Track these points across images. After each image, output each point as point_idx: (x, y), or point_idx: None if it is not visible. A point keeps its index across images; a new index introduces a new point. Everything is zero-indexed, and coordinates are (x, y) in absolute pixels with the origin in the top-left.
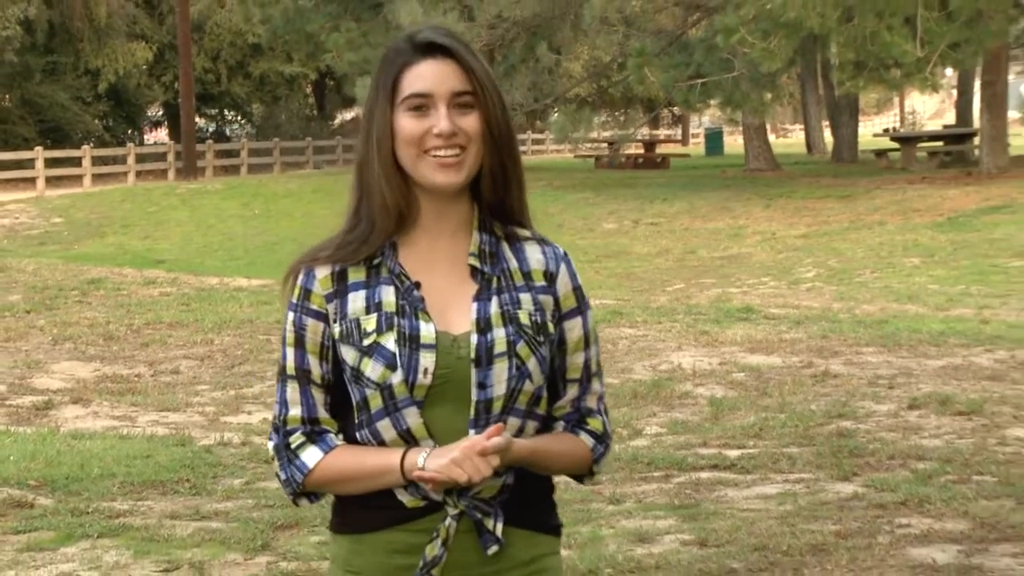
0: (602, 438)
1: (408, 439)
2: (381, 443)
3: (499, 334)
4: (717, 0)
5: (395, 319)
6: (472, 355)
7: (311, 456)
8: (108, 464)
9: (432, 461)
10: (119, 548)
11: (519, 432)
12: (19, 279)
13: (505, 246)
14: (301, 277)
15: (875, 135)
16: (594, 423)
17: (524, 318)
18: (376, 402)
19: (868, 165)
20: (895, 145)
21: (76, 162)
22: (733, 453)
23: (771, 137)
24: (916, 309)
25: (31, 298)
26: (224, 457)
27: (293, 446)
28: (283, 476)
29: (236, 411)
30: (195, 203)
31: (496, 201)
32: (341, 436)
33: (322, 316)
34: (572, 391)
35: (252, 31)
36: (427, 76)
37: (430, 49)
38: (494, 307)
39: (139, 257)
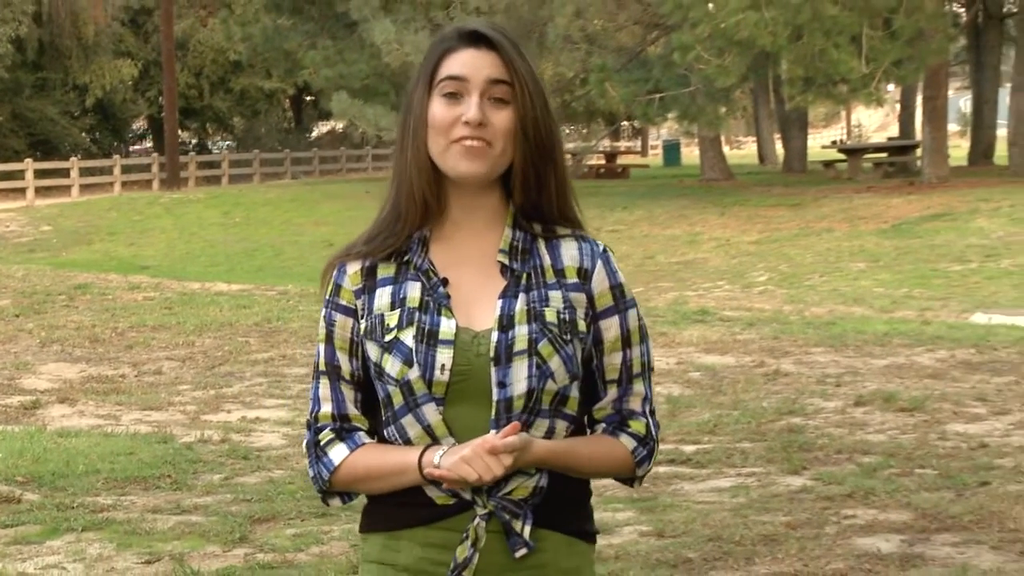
0: (645, 440)
1: (431, 435)
2: (407, 440)
3: (521, 331)
4: (674, 19)
5: (416, 315)
6: (491, 353)
7: (338, 453)
8: (93, 461)
9: (447, 459)
10: (103, 541)
11: (549, 433)
12: (9, 284)
13: (541, 243)
14: (334, 273)
15: (823, 147)
16: (636, 425)
17: (550, 315)
18: (398, 398)
19: (817, 175)
20: (842, 156)
21: (64, 173)
22: (689, 448)
23: (725, 149)
24: (862, 311)
25: (20, 302)
26: (204, 454)
27: (322, 443)
28: (311, 473)
29: (216, 410)
30: (178, 212)
31: (528, 203)
32: (370, 435)
33: (351, 312)
34: (612, 392)
35: (233, 49)
36: (466, 62)
37: (474, 39)
38: (520, 304)
39: (124, 263)
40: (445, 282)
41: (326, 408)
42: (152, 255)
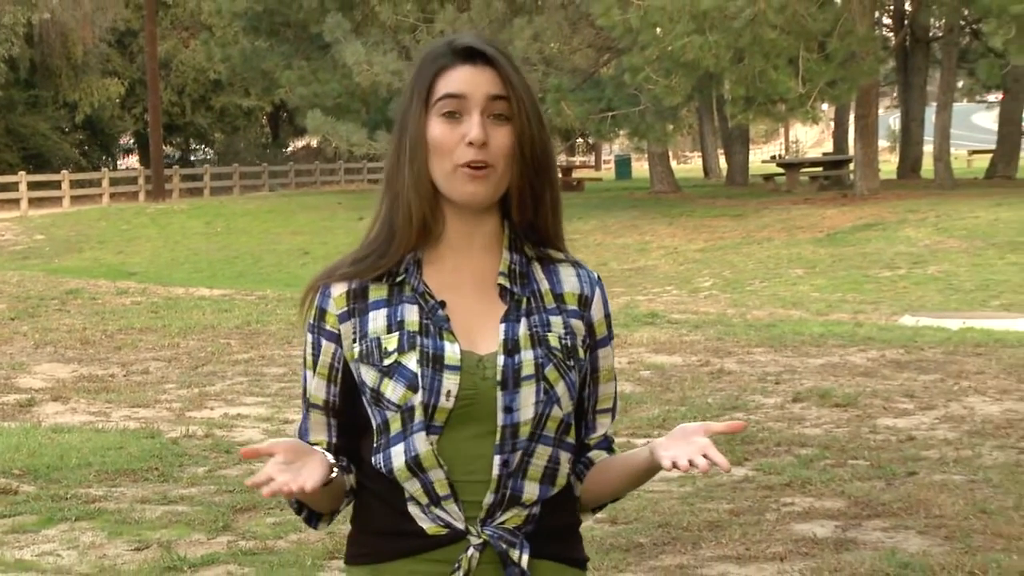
0: None
1: (415, 467)
2: (390, 470)
3: (527, 356)
4: (625, 42)
5: (418, 338)
6: (498, 377)
7: None
8: (85, 455)
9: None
10: (95, 530)
11: (552, 461)
12: (4, 290)
13: (537, 267)
14: (317, 296)
15: (763, 161)
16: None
17: (554, 341)
18: (396, 424)
19: (757, 188)
20: (781, 170)
21: (56, 185)
22: (640, 441)
23: (673, 163)
24: (799, 314)
25: (15, 307)
26: (189, 448)
27: None
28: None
29: (200, 407)
30: (163, 222)
31: (525, 223)
32: (338, 454)
33: (334, 337)
34: (604, 422)
35: (214, 68)
36: (464, 79)
37: (469, 54)
38: (523, 328)
39: (113, 270)
40: (443, 304)
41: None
42: (139, 262)
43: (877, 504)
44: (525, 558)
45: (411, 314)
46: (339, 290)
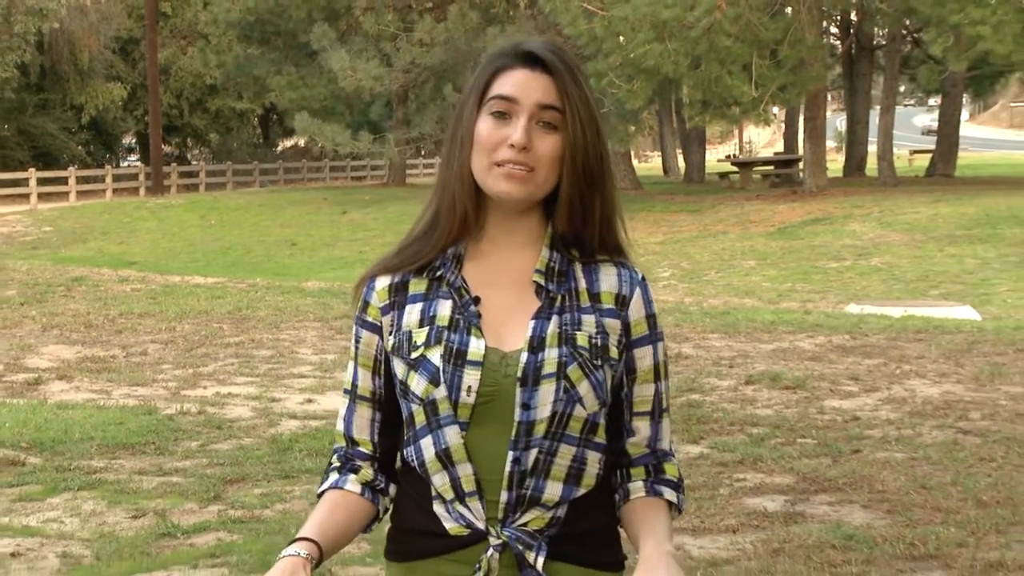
0: (679, 485)
1: (445, 460)
2: (421, 463)
3: (551, 354)
4: (590, 49)
5: (445, 333)
6: (519, 373)
7: (328, 483)
8: (87, 429)
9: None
10: (96, 499)
11: (577, 462)
12: (15, 277)
13: (578, 266)
14: (364, 289)
15: (719, 160)
16: (671, 470)
17: (582, 340)
18: (420, 418)
19: (713, 185)
20: (735, 169)
21: (63, 181)
22: None
23: (635, 162)
24: (752, 302)
25: (25, 293)
26: (184, 424)
27: (330, 466)
28: (318, 492)
29: (194, 386)
30: (162, 215)
31: (571, 232)
32: (376, 461)
33: (377, 329)
34: (643, 427)
35: (209, 74)
36: (518, 83)
37: (530, 59)
38: (552, 326)
39: (115, 259)
40: (477, 300)
41: (340, 428)
42: (139, 252)
43: (824, 480)
44: (541, 560)
45: (443, 309)
46: (383, 283)
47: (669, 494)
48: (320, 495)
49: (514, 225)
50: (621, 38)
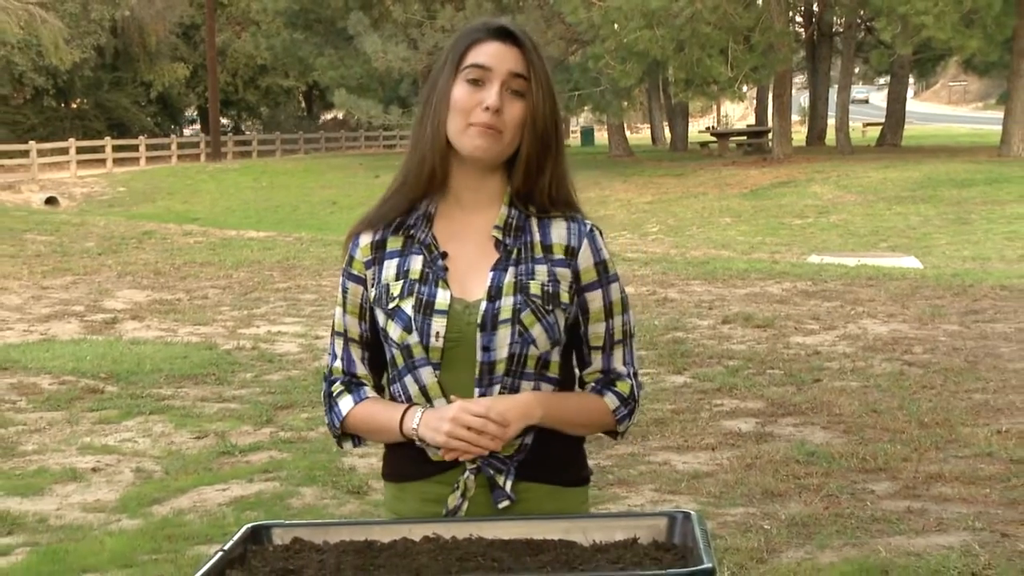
0: (627, 400)
1: (426, 395)
2: (408, 397)
3: (507, 302)
4: (589, 35)
5: (416, 286)
6: (479, 320)
7: (345, 404)
8: (157, 362)
9: (426, 421)
10: (164, 422)
11: None
12: (94, 231)
13: (533, 221)
14: (350, 245)
15: (700, 131)
16: (622, 386)
17: (535, 288)
18: (400, 360)
19: (695, 153)
20: (714, 139)
21: (135, 148)
22: None
23: (627, 133)
24: (728, 254)
25: (102, 244)
26: (240, 358)
27: (334, 394)
28: (327, 420)
29: (248, 325)
30: (219, 178)
31: (525, 188)
32: (376, 390)
33: (361, 280)
34: (598, 359)
35: (260, 55)
36: (492, 53)
37: (502, 33)
38: (508, 277)
39: (179, 216)
40: (444, 255)
41: (337, 364)
42: (200, 210)
43: (789, 405)
44: (509, 483)
45: (416, 264)
46: (365, 240)
47: (610, 399)
48: (342, 419)
49: (479, 185)
50: (616, 25)
